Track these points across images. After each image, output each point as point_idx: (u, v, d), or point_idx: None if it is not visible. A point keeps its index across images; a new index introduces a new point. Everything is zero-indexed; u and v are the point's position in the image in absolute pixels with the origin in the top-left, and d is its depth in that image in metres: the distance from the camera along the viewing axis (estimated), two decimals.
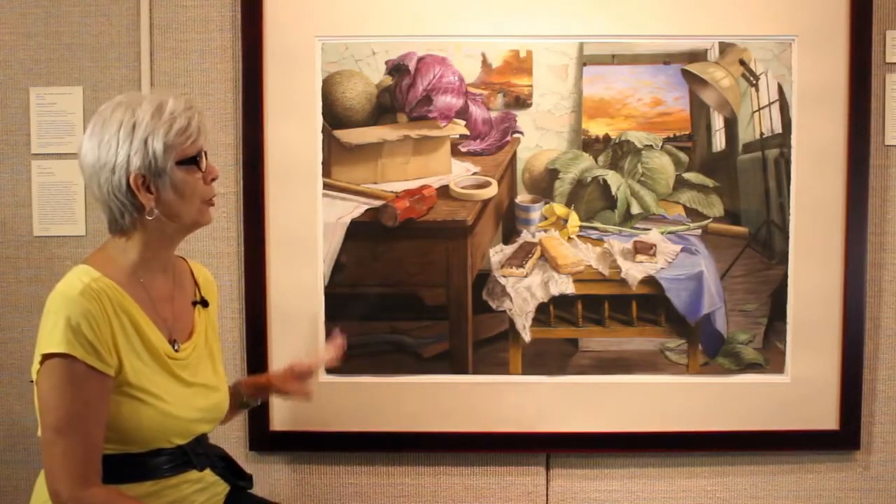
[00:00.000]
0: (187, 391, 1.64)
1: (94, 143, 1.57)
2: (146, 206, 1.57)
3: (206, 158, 1.64)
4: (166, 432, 1.60)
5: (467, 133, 2.21)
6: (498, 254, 2.22)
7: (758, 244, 2.22)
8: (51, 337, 1.50)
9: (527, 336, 2.23)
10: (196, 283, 1.79)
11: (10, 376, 2.28)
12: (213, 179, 1.65)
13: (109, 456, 1.56)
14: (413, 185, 2.22)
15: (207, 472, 1.69)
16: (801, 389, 2.23)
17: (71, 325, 1.49)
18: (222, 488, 1.73)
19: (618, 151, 2.21)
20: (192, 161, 1.60)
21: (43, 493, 1.54)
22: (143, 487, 1.59)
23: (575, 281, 2.22)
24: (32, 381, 1.54)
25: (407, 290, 2.23)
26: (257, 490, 1.86)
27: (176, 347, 1.64)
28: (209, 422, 1.71)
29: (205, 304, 1.77)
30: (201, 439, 1.70)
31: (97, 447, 1.52)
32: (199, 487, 1.67)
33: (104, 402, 1.52)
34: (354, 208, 2.22)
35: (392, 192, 2.21)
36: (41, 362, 1.51)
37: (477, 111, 2.20)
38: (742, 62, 2.19)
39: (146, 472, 1.60)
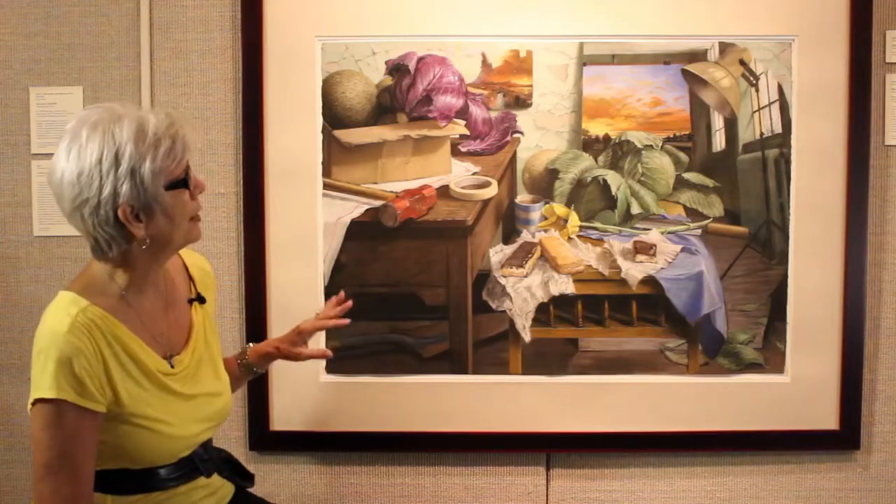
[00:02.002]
0: (188, 405, 1.62)
1: (73, 173, 1.46)
2: (137, 236, 1.50)
3: (190, 172, 1.56)
4: (171, 452, 1.59)
5: (467, 133, 2.21)
6: (498, 254, 2.22)
7: (758, 244, 2.22)
8: (41, 380, 1.46)
9: (527, 336, 2.23)
10: (191, 279, 1.74)
11: (10, 376, 2.29)
12: (200, 192, 1.58)
13: (116, 470, 1.56)
14: (413, 185, 2.22)
15: (215, 476, 1.69)
16: (801, 389, 2.23)
17: (61, 366, 1.45)
18: (228, 490, 1.73)
19: (618, 151, 2.21)
20: (181, 183, 1.53)
21: None
22: (151, 498, 1.59)
23: (575, 281, 2.22)
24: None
25: (407, 290, 2.23)
26: (257, 490, 1.86)
27: (171, 364, 1.61)
28: (212, 428, 1.70)
29: (201, 300, 1.72)
30: (206, 445, 1.69)
31: (87, 483, 1.50)
32: (207, 493, 1.67)
33: (94, 438, 1.50)
34: (354, 208, 2.22)
35: (392, 192, 2.21)
36: (33, 404, 1.48)
37: (477, 111, 2.20)
38: (742, 62, 2.19)
39: (154, 484, 1.59)
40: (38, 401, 1.47)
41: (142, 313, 1.59)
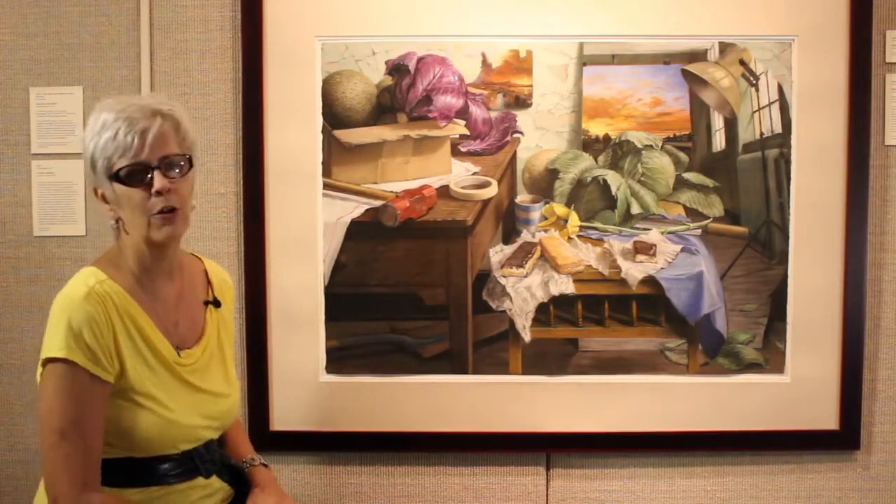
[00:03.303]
0: (193, 398, 1.63)
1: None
2: (111, 217, 1.59)
3: (157, 173, 1.53)
4: (170, 439, 1.59)
5: (467, 133, 2.21)
6: (498, 254, 2.22)
7: (758, 244, 2.22)
8: (53, 342, 1.50)
9: (527, 336, 2.23)
10: (209, 283, 1.77)
11: (10, 376, 2.28)
12: (157, 193, 1.53)
13: (116, 460, 1.56)
14: (413, 185, 2.22)
15: (214, 478, 1.69)
16: (801, 389, 2.23)
17: (73, 330, 1.49)
18: (226, 494, 1.73)
19: (618, 151, 2.21)
20: (122, 176, 1.53)
21: (43, 501, 1.54)
22: (148, 492, 1.59)
23: (575, 281, 2.22)
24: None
25: (407, 290, 2.22)
26: None
27: (179, 353, 1.63)
28: (216, 429, 1.70)
29: (217, 304, 1.75)
30: (209, 445, 1.69)
31: (96, 453, 1.51)
32: (205, 494, 1.66)
33: (102, 408, 1.52)
34: (354, 208, 2.22)
35: (392, 192, 2.21)
36: (43, 366, 1.51)
37: (477, 111, 2.20)
38: (742, 62, 2.19)
39: (153, 478, 1.59)
40: (48, 361, 1.50)
41: (154, 300, 1.62)
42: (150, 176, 1.53)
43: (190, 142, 1.61)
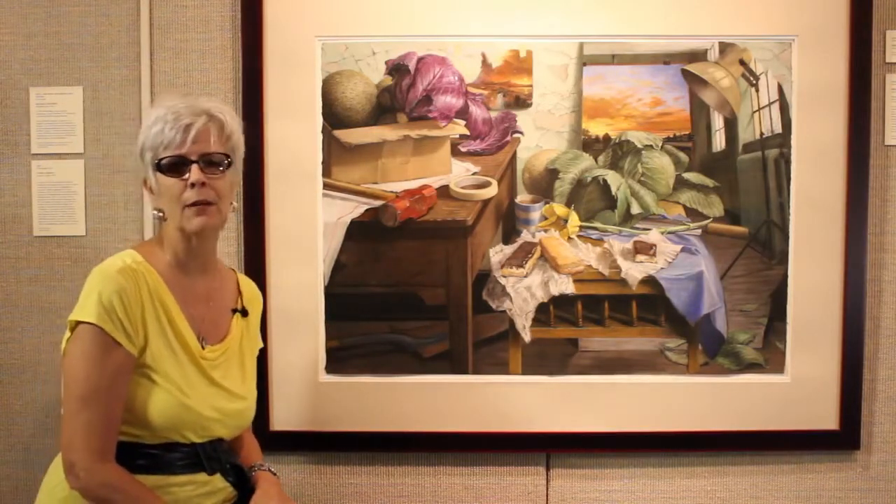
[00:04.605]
0: (210, 390, 1.67)
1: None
2: (152, 206, 1.69)
3: (195, 167, 1.63)
4: (180, 424, 1.61)
5: (467, 133, 2.21)
6: (498, 254, 2.22)
7: (758, 244, 2.22)
8: (84, 307, 1.56)
9: (527, 336, 2.23)
10: (240, 293, 1.82)
11: (10, 376, 2.28)
12: (192, 185, 1.63)
13: (124, 443, 1.58)
14: (413, 185, 2.22)
15: (217, 477, 1.69)
16: (801, 389, 2.23)
17: (103, 298, 1.55)
18: (229, 494, 1.73)
19: (618, 151, 2.21)
20: (163, 167, 1.63)
21: (59, 474, 1.57)
22: (150, 480, 1.60)
23: (575, 281, 2.22)
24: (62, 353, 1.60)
25: (407, 290, 2.22)
26: None
27: (203, 346, 1.67)
28: (228, 427, 1.72)
29: (244, 313, 1.80)
30: (217, 444, 1.70)
31: (116, 424, 1.56)
32: (204, 491, 1.67)
33: (126, 379, 1.57)
34: (354, 208, 2.22)
35: (392, 192, 2.21)
36: (72, 329, 1.57)
37: (477, 111, 2.20)
38: (742, 62, 2.19)
39: (157, 466, 1.61)
40: (77, 324, 1.56)
41: (185, 292, 1.68)
42: (188, 169, 1.63)
43: (233, 144, 1.70)
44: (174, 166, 1.63)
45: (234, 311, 1.78)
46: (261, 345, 1.88)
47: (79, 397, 1.53)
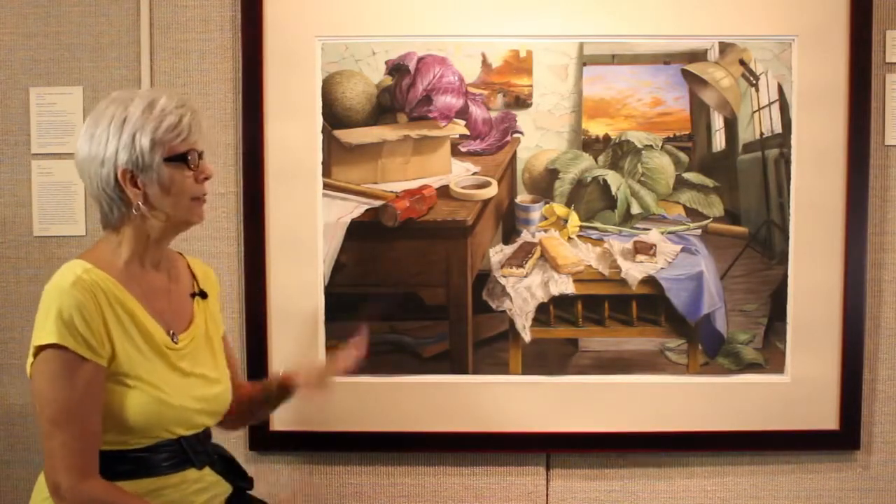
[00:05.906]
0: (185, 381, 1.64)
1: (87, 136, 1.60)
2: (133, 201, 1.59)
3: (201, 158, 1.63)
4: (164, 421, 1.59)
5: (467, 133, 2.21)
6: (498, 254, 2.22)
7: (758, 244, 2.22)
8: (43, 328, 1.51)
9: (527, 336, 2.23)
10: (194, 277, 1.78)
11: (10, 376, 2.29)
12: (205, 178, 1.64)
13: (108, 453, 1.56)
14: (413, 185, 2.22)
15: (207, 471, 1.68)
16: (801, 389, 2.23)
17: (62, 316, 1.50)
18: (223, 489, 1.72)
19: (618, 151, 2.21)
20: (180, 158, 1.60)
21: (43, 491, 1.55)
22: (142, 485, 1.58)
23: (575, 281, 2.22)
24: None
25: (407, 290, 2.23)
26: (257, 490, 1.85)
27: (175, 339, 1.64)
28: (210, 414, 1.70)
29: (203, 295, 1.76)
30: (202, 437, 1.69)
31: (95, 438, 1.52)
32: (198, 487, 1.66)
33: (98, 392, 1.53)
34: (354, 208, 2.22)
35: (392, 192, 2.21)
36: (35, 354, 1.52)
37: (477, 111, 2.20)
38: (742, 62, 2.19)
39: (145, 469, 1.59)
40: (39, 350, 1.51)
41: (145, 288, 1.64)
42: (199, 162, 1.63)
43: None
44: (186, 158, 1.60)
45: (193, 294, 1.75)
46: (223, 327, 1.83)
47: (52, 420, 1.49)
